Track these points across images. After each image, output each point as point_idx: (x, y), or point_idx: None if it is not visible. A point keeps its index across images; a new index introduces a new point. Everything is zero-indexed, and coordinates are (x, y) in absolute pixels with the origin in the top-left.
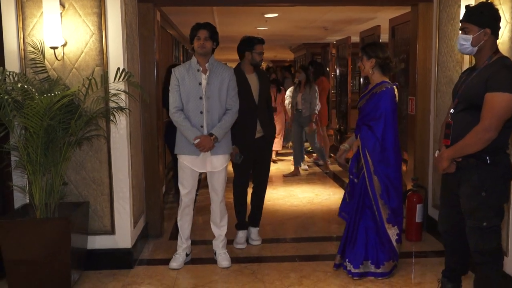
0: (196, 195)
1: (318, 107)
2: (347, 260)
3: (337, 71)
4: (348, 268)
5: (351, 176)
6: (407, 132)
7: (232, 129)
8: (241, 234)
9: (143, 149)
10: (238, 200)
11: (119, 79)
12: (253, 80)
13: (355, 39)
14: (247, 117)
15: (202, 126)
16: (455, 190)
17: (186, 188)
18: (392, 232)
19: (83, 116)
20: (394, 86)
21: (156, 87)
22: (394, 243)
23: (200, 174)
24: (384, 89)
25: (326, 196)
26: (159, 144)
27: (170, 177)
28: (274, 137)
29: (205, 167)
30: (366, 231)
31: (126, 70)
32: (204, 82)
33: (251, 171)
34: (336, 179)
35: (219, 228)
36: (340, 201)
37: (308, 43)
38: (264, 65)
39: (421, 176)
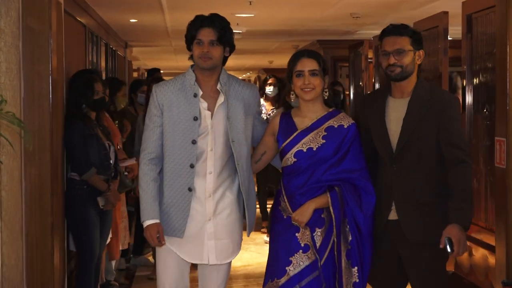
0: None
1: None
2: None
3: (377, 85)
4: None
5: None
6: (493, 198)
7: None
8: None
9: (25, 231)
10: None
11: None
12: (398, 109)
13: None
14: (378, 179)
15: (190, 189)
16: None
17: None
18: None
19: None
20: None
21: (51, 121)
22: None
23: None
24: (353, 121)
25: None
26: (54, 221)
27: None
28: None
29: (201, 256)
30: None
31: None
32: (206, 114)
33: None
34: None
35: None
36: None
37: (325, 40)
38: (252, 77)
39: None
